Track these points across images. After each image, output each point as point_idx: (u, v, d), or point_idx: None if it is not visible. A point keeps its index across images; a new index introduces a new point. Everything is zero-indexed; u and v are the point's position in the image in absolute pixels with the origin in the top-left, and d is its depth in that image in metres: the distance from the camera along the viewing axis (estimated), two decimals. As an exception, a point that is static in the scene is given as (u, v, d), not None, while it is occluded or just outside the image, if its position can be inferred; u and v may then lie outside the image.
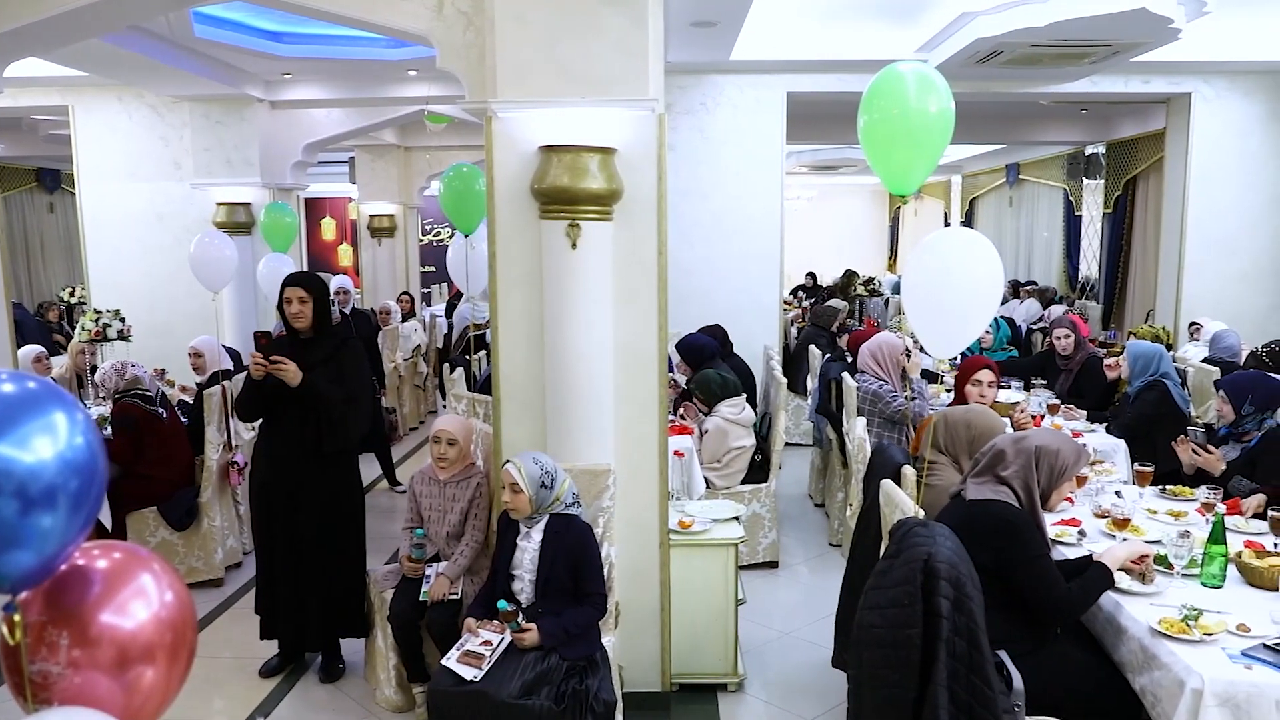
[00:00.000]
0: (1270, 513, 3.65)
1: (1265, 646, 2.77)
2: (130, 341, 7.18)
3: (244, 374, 4.36)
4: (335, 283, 8.96)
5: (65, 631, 1.27)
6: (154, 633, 1.29)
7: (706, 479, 5.42)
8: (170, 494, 5.43)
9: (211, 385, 5.79)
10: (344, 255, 17.43)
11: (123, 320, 7.19)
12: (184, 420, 5.75)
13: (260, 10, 6.68)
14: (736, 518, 4.42)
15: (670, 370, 5.93)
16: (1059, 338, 6.63)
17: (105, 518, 5.23)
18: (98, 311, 7.19)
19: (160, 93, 8.18)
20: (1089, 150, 12.97)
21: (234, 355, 6.75)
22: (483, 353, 7.14)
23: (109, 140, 8.52)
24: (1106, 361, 6.26)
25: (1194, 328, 8.16)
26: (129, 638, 1.28)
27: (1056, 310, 10.00)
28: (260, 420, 4.36)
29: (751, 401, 6.20)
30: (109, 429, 5.36)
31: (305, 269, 10.67)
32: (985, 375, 4.83)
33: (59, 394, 1.30)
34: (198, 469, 5.59)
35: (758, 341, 8.22)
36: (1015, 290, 13.48)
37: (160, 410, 5.43)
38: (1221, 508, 3.65)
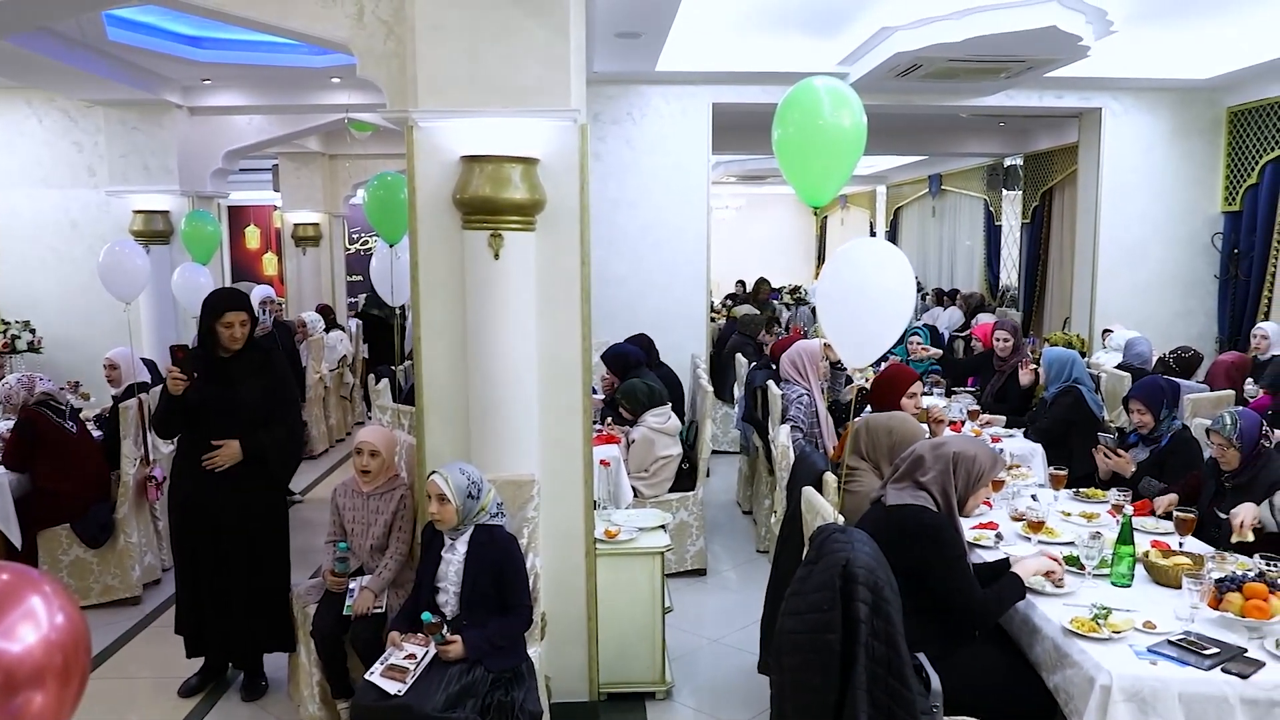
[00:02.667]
0: (1175, 513, 3.78)
1: (1169, 642, 2.86)
2: (41, 353, 6.97)
3: (161, 388, 4.26)
4: (261, 293, 8.79)
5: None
6: (43, 656, 1.24)
7: (634, 488, 5.43)
8: (83, 510, 5.26)
9: (128, 398, 5.63)
10: (269, 264, 17.06)
11: (33, 331, 6.98)
12: (98, 434, 5.58)
13: (176, 14, 6.54)
14: (663, 526, 4.43)
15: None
16: (998, 340, 6.80)
17: (14, 537, 5.06)
18: (5, 323, 6.96)
19: (72, 96, 7.94)
20: (1007, 162, 13.32)
21: (151, 367, 6.58)
22: (408, 363, 7.06)
23: (18, 144, 8.27)
24: (1021, 366, 6.43)
25: (1106, 334, 8.42)
26: (15, 662, 1.23)
27: (987, 317, 10.22)
28: (179, 436, 4.27)
29: (679, 410, 6.22)
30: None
31: (229, 280, 10.45)
32: (917, 387, 4.93)
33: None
34: (113, 484, 5.42)
35: (686, 350, 8.26)
36: (940, 298, 13.78)
37: (70, 424, 5.27)
38: (1129, 509, 3.77)
